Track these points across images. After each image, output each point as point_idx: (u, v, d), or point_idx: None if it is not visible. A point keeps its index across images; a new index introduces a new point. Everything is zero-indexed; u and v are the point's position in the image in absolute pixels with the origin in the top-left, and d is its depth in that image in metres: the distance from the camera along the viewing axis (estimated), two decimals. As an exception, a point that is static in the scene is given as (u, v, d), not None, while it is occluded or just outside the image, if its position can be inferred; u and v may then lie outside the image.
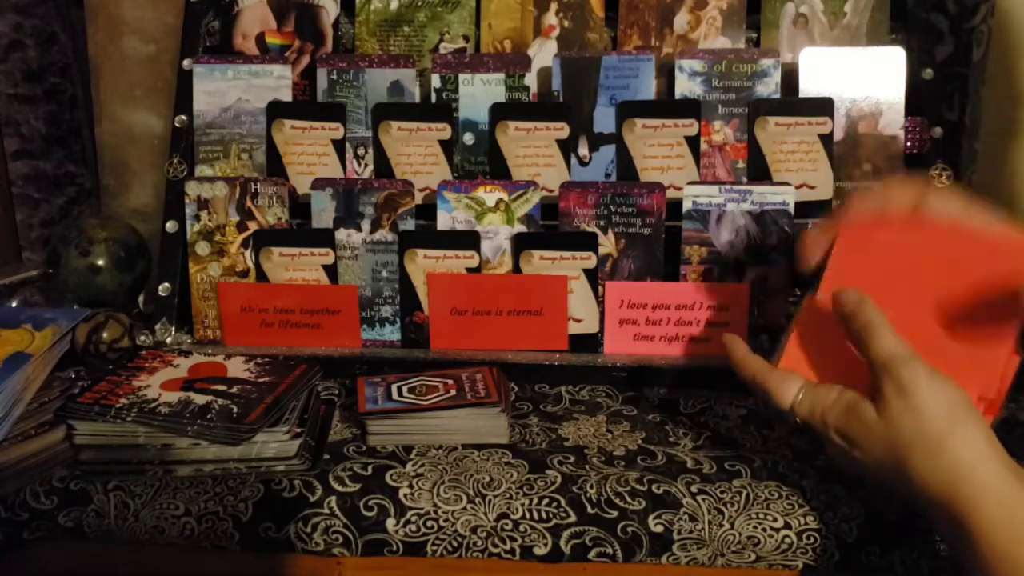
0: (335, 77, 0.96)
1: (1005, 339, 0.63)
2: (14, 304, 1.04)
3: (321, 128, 0.94)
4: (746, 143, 0.93)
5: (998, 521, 0.55)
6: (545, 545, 0.68)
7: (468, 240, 0.89)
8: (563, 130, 0.93)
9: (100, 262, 1.00)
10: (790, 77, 0.94)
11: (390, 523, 0.68)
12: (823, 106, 0.92)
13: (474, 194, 0.89)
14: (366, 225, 0.90)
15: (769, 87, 0.94)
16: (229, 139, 0.96)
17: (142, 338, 0.91)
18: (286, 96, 0.96)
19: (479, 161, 0.95)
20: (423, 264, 0.89)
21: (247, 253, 0.91)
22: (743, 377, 0.69)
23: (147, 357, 0.82)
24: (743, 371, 0.69)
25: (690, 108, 0.93)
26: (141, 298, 1.04)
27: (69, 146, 1.17)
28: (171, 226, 0.93)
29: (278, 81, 0.96)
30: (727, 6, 0.97)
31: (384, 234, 0.90)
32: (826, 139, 0.92)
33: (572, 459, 0.73)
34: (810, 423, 0.64)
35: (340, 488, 0.69)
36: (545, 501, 0.69)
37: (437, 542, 0.68)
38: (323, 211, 0.90)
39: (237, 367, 0.80)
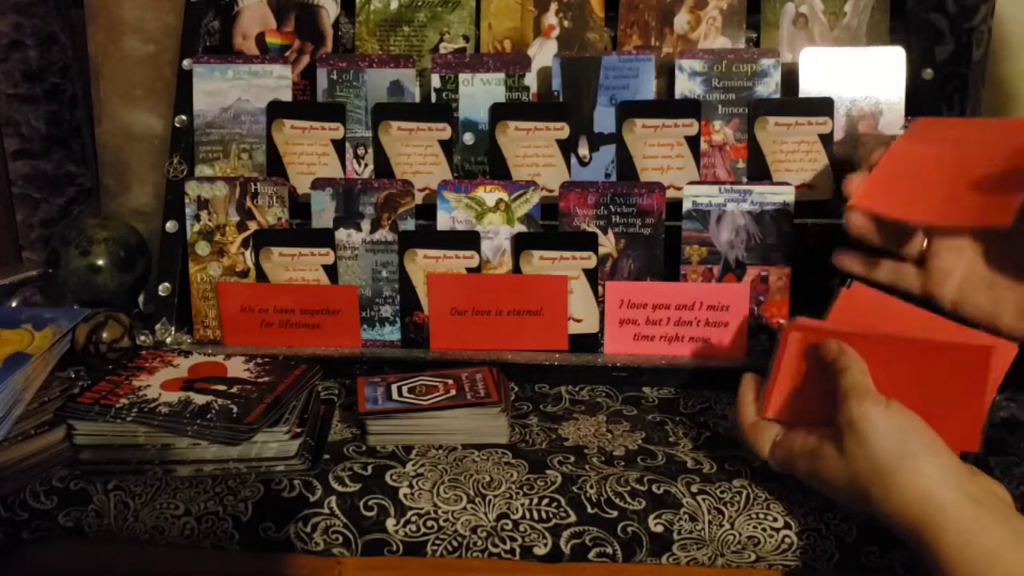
0: (335, 77, 0.96)
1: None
2: (14, 304, 1.04)
3: (321, 128, 0.94)
4: (746, 143, 0.93)
5: (957, 545, 0.56)
6: (545, 545, 0.68)
7: (468, 240, 0.89)
8: (563, 130, 0.93)
9: (100, 262, 1.00)
10: (790, 77, 0.94)
11: (390, 523, 0.68)
12: (823, 106, 0.92)
13: (474, 194, 0.89)
14: (366, 225, 0.90)
15: (769, 87, 0.94)
16: (229, 139, 0.96)
17: (142, 338, 0.91)
18: (286, 96, 0.96)
19: (479, 161, 0.95)
20: (423, 264, 0.89)
21: (247, 253, 0.91)
22: (735, 423, 0.70)
23: (147, 357, 0.82)
24: (738, 417, 0.70)
25: (690, 108, 0.93)
26: (141, 298, 1.04)
27: (69, 146, 1.17)
28: (171, 226, 0.93)
29: (278, 81, 0.96)
30: (727, 6, 0.97)
31: (384, 234, 0.90)
32: (826, 139, 0.92)
33: (572, 459, 0.73)
34: (786, 471, 0.67)
35: (340, 488, 0.69)
36: (545, 501, 0.69)
37: (437, 542, 0.68)
38: (323, 211, 0.90)
39: (237, 367, 0.80)
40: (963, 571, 0.55)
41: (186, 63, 0.97)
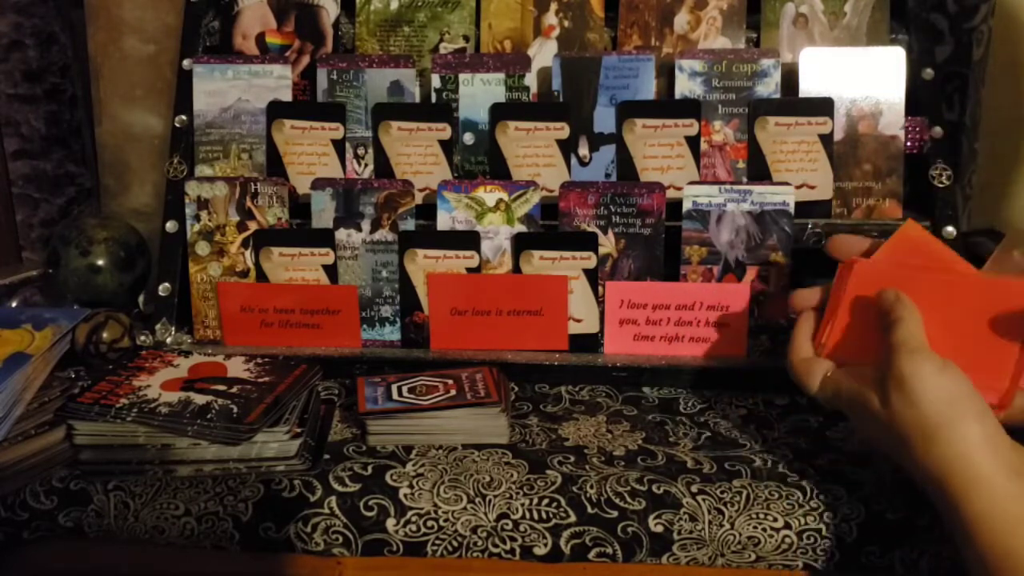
0: (335, 77, 0.96)
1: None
2: (14, 304, 1.04)
3: (321, 128, 0.94)
4: (746, 143, 0.93)
5: (988, 512, 0.56)
6: (545, 545, 0.68)
7: (468, 240, 0.89)
8: (563, 130, 0.93)
9: (100, 262, 1.00)
10: (790, 77, 0.94)
11: (390, 523, 0.68)
12: (823, 106, 0.92)
13: (474, 194, 0.89)
14: (366, 225, 0.90)
15: (769, 87, 0.94)
16: (229, 139, 0.96)
17: (142, 338, 0.91)
18: (286, 96, 0.96)
19: (479, 161, 0.95)
20: (423, 264, 0.89)
21: (247, 253, 0.91)
22: (787, 358, 0.71)
23: (147, 357, 0.82)
24: (789, 353, 0.71)
25: (690, 108, 0.93)
26: (141, 298, 1.04)
27: (69, 146, 1.17)
28: (171, 226, 0.93)
29: (278, 81, 0.96)
30: (727, 6, 0.97)
31: (384, 234, 0.90)
32: (826, 139, 0.92)
33: (572, 459, 0.73)
34: (832, 406, 0.68)
35: (340, 488, 0.69)
36: (545, 501, 0.69)
37: (437, 542, 0.68)
38: (323, 211, 0.90)
39: (237, 367, 0.80)
40: (989, 537, 0.56)
41: (186, 63, 0.97)
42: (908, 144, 0.94)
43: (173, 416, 0.70)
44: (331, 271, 0.90)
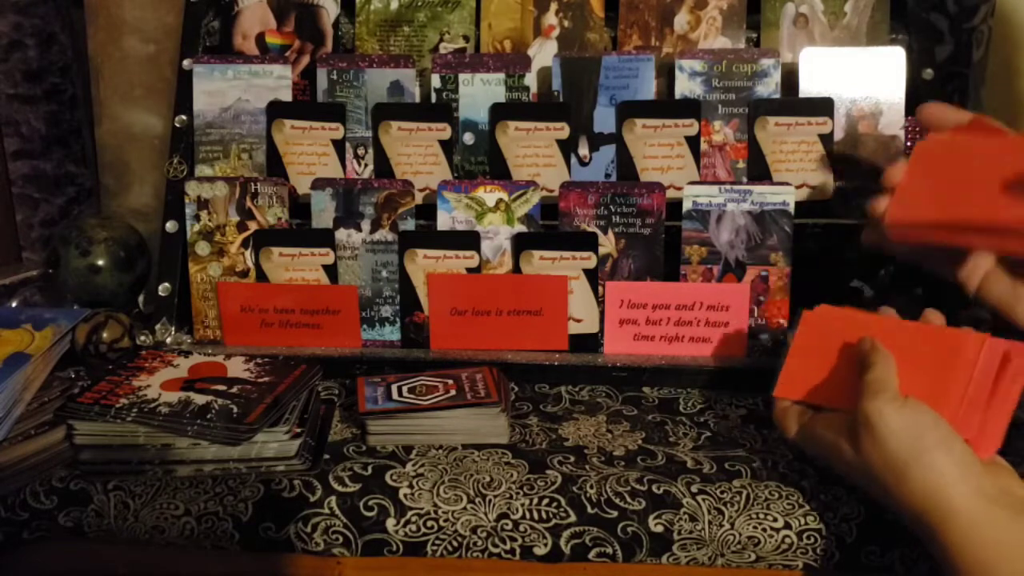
0: (335, 77, 0.96)
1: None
2: (14, 304, 1.04)
3: (321, 128, 0.94)
4: (746, 143, 0.93)
5: (967, 542, 0.57)
6: (545, 545, 0.68)
7: (468, 240, 0.89)
8: (563, 130, 0.93)
9: (100, 262, 1.00)
10: (790, 77, 0.94)
11: (390, 523, 0.68)
12: (823, 106, 0.92)
13: (474, 194, 0.89)
14: (366, 225, 0.90)
15: (769, 87, 0.94)
16: (229, 139, 0.96)
17: (142, 338, 0.91)
18: (286, 96, 0.96)
19: (479, 161, 0.95)
20: (423, 264, 0.89)
21: (247, 253, 0.91)
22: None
23: (147, 357, 0.82)
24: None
25: (690, 108, 0.93)
26: (141, 298, 1.04)
27: (69, 146, 1.17)
28: (171, 226, 0.93)
29: (278, 81, 0.96)
30: (727, 6, 0.97)
31: (384, 234, 0.90)
32: (826, 139, 0.92)
33: (572, 459, 0.73)
34: (811, 453, 0.69)
35: (340, 488, 0.69)
36: (545, 501, 0.69)
37: (437, 542, 0.68)
38: (323, 211, 0.90)
39: (237, 367, 0.80)
40: (969, 564, 0.56)
41: (186, 63, 0.97)
42: (908, 144, 0.94)
43: (173, 416, 0.70)
44: (331, 271, 0.90)
